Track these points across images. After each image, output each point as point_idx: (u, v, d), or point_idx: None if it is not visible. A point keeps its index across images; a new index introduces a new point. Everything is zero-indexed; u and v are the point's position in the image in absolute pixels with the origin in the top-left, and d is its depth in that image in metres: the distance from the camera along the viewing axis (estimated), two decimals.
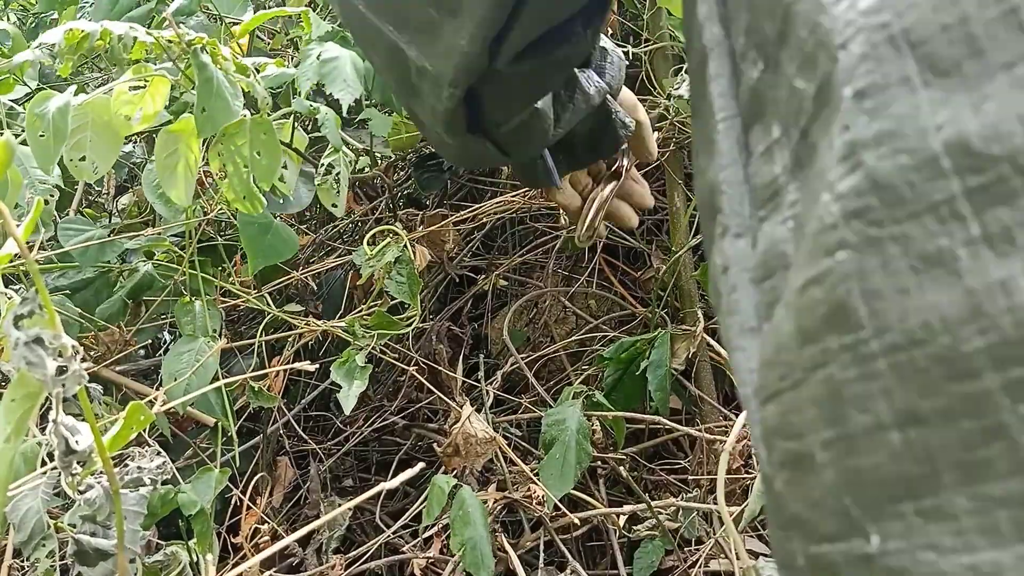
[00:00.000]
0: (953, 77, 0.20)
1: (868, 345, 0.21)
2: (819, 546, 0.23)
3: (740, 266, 0.27)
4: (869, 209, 0.21)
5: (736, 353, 0.27)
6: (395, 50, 0.44)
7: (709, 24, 0.29)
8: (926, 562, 0.20)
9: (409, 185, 1.50)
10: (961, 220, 0.20)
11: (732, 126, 0.28)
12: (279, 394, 1.17)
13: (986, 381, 0.19)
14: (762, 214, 0.27)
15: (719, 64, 0.29)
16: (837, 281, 0.22)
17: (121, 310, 1.11)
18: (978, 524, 0.19)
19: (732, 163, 0.28)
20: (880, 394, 0.21)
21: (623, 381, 1.14)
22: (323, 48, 1.01)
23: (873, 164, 0.21)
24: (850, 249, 0.21)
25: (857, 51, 0.22)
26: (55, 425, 0.38)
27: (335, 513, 0.84)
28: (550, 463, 1.03)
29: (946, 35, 0.20)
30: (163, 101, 0.85)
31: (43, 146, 0.80)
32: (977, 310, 0.19)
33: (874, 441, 0.21)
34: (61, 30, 0.84)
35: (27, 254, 0.33)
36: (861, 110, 0.21)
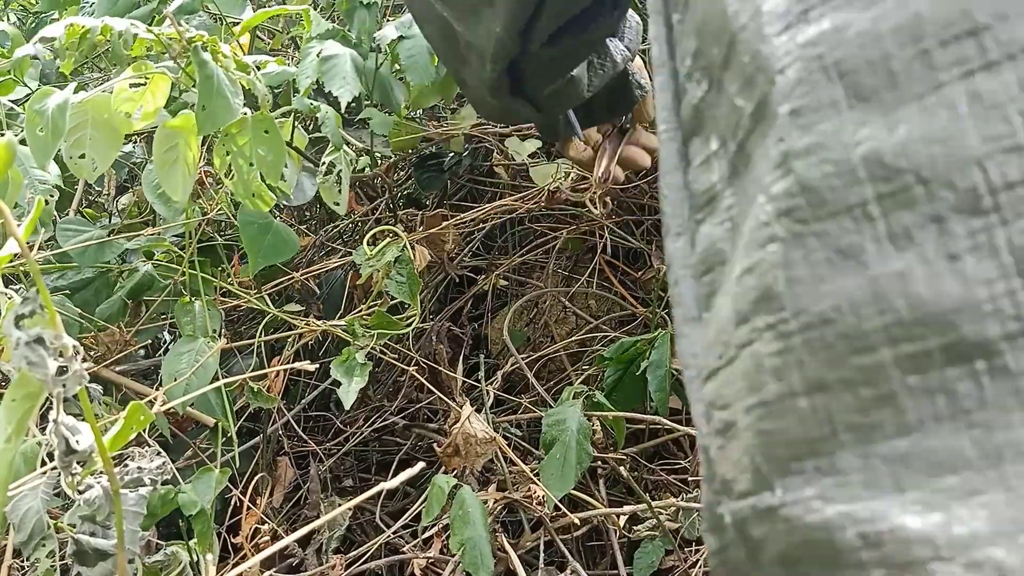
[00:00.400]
0: (873, 103, 0.24)
1: (787, 324, 0.24)
2: (737, 502, 0.26)
3: (681, 263, 0.31)
4: (797, 208, 0.25)
5: (681, 340, 0.31)
6: (446, 25, 0.51)
7: (656, 44, 0.33)
8: (815, 510, 0.23)
9: (409, 185, 1.50)
10: (871, 220, 0.23)
11: (673, 137, 0.32)
12: (279, 395, 1.17)
13: (882, 354, 0.23)
14: (699, 217, 0.30)
15: (663, 80, 0.33)
16: (767, 269, 0.25)
17: (121, 310, 1.11)
18: (862, 479, 0.23)
19: (672, 170, 0.32)
20: (794, 365, 0.24)
21: (623, 381, 1.14)
22: (323, 46, 1.01)
23: (802, 171, 0.25)
24: (779, 242, 0.25)
25: (793, 76, 0.25)
26: (55, 425, 0.37)
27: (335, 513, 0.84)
28: (550, 463, 1.03)
29: (870, 68, 0.24)
30: (163, 98, 0.85)
31: (41, 142, 0.80)
32: (878, 295, 0.23)
33: (785, 406, 0.24)
34: (62, 25, 0.84)
35: (27, 254, 0.33)
36: (795, 125, 0.25)
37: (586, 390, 1.11)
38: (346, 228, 1.50)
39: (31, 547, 0.72)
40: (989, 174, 0.22)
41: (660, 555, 1.10)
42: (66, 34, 0.84)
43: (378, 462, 1.39)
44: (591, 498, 1.14)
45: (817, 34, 0.25)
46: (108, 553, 0.60)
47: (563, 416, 1.05)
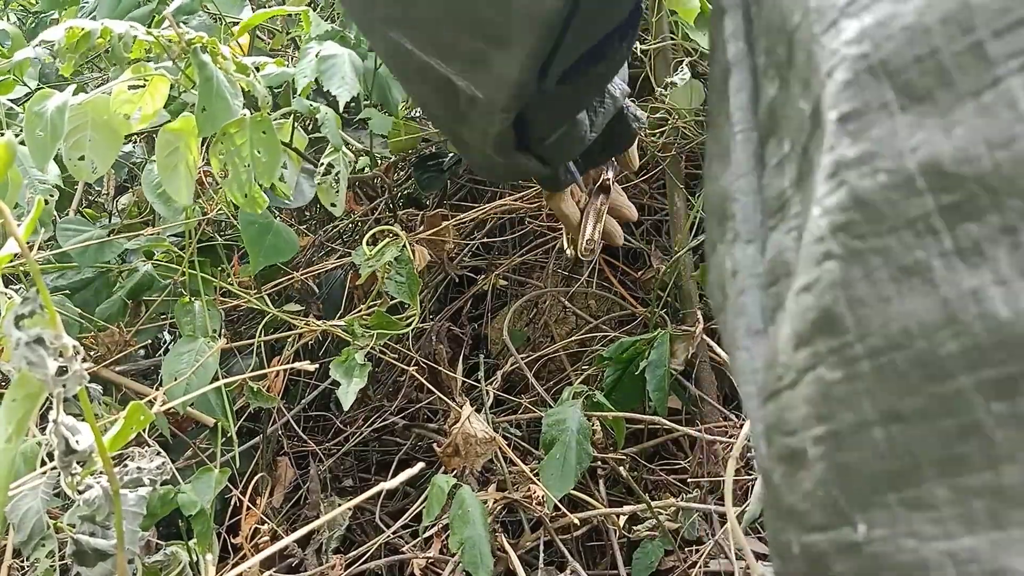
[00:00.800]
0: (926, 103, 0.22)
1: (853, 348, 0.23)
2: (810, 535, 0.24)
3: (749, 271, 0.29)
4: (853, 223, 0.23)
5: (741, 353, 0.29)
6: (444, 82, 0.46)
7: (735, 40, 0.31)
8: (908, 548, 0.22)
9: (409, 185, 1.50)
10: (935, 234, 0.22)
11: (749, 138, 0.30)
12: (279, 395, 1.17)
13: (960, 382, 0.21)
14: (771, 223, 0.28)
15: (741, 79, 0.31)
16: (825, 289, 0.23)
17: (120, 310, 1.11)
18: (956, 513, 0.21)
19: (747, 173, 0.30)
20: (864, 394, 0.23)
21: (623, 381, 1.14)
22: (322, 47, 1.01)
23: (855, 182, 0.23)
24: (836, 259, 0.23)
25: (841, 78, 0.23)
26: (55, 425, 0.37)
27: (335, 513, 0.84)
28: (550, 463, 1.03)
29: (919, 65, 0.22)
30: (162, 100, 0.85)
31: (40, 144, 0.80)
32: (951, 317, 0.21)
33: (860, 437, 0.23)
34: (62, 28, 0.84)
35: (27, 254, 0.33)
36: (844, 132, 0.23)
37: (586, 390, 1.11)
38: (346, 228, 1.50)
39: (31, 547, 0.72)
40: None
41: (659, 555, 1.10)
42: (66, 37, 0.84)
43: (378, 462, 1.39)
44: (591, 498, 1.14)
45: (861, 30, 0.23)
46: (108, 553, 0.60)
47: (563, 416, 1.05)
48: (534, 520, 1.13)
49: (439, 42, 0.43)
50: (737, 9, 0.32)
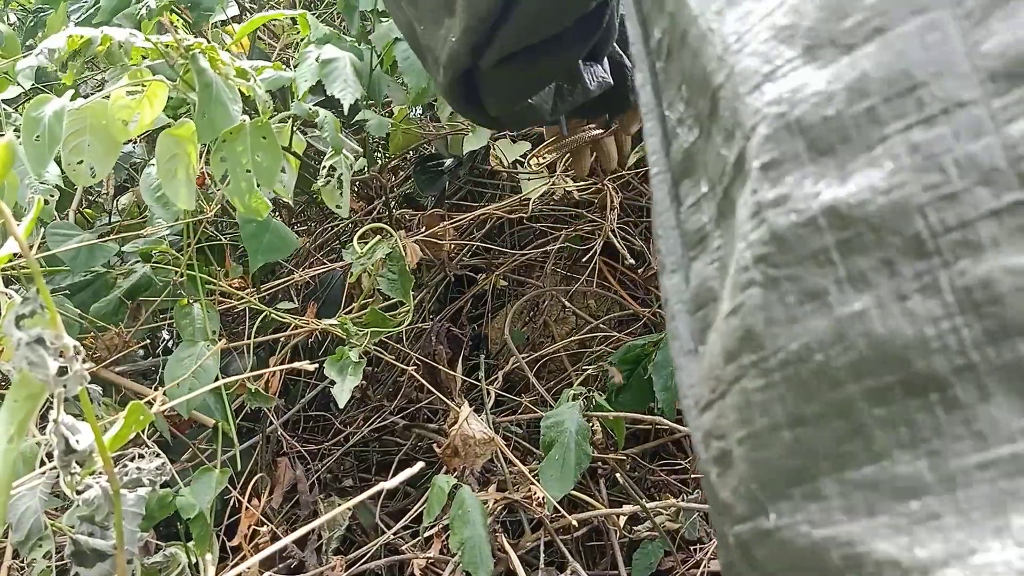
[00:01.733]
0: (829, 155, 0.26)
1: (768, 362, 0.27)
2: (737, 526, 0.28)
3: (677, 298, 0.33)
4: (770, 255, 0.27)
5: (679, 372, 0.33)
6: (408, 24, 0.52)
7: (643, 91, 0.36)
8: (803, 534, 0.25)
9: (408, 185, 1.50)
10: (832, 264, 0.25)
11: (664, 180, 0.34)
12: (276, 394, 1.17)
13: (849, 389, 0.25)
14: (692, 255, 0.33)
15: (652, 125, 0.35)
16: (748, 312, 0.27)
17: (116, 309, 1.10)
18: (840, 504, 0.24)
19: (665, 211, 0.34)
20: (777, 400, 0.26)
21: (630, 383, 1.14)
22: (321, 50, 1.01)
23: (772, 220, 0.27)
24: (758, 286, 0.27)
25: (763, 132, 0.28)
26: (55, 425, 0.37)
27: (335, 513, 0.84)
28: (550, 464, 1.03)
29: (825, 124, 0.26)
30: (161, 106, 0.86)
31: (37, 150, 0.80)
32: (841, 334, 0.25)
33: (772, 438, 0.26)
34: (63, 36, 0.84)
35: (28, 253, 0.33)
36: (766, 178, 0.27)
37: (585, 391, 1.11)
38: (344, 228, 1.50)
39: (28, 547, 0.72)
40: (929, 220, 0.24)
41: (659, 556, 1.10)
42: (67, 45, 0.84)
43: (378, 462, 1.39)
44: (591, 499, 1.14)
45: (779, 94, 0.27)
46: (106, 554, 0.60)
47: (561, 418, 1.05)
48: (534, 520, 1.12)
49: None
50: (643, 63, 0.36)
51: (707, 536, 1.10)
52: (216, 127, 0.84)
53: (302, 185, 1.19)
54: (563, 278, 1.44)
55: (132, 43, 0.85)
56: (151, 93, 0.84)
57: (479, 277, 1.46)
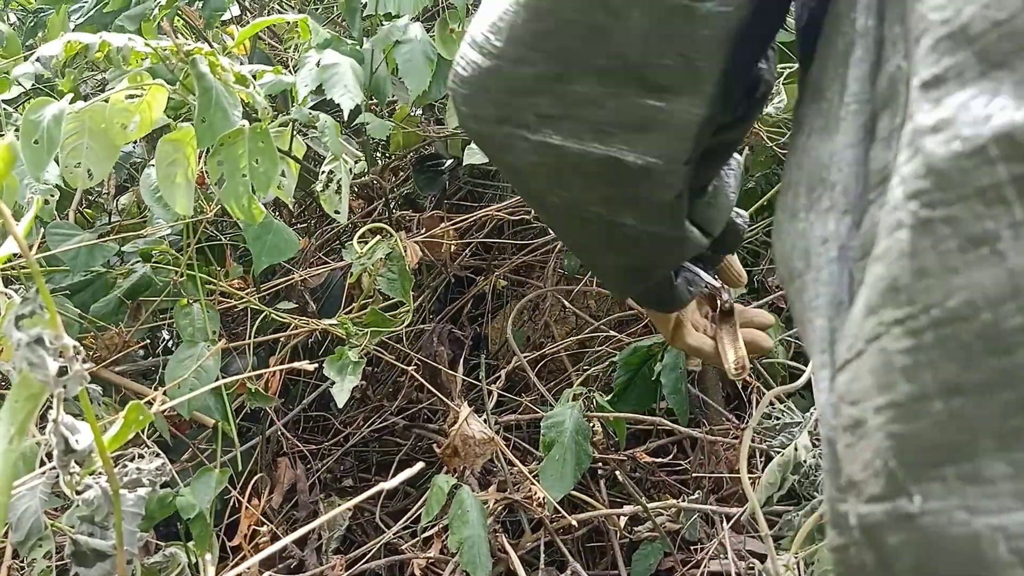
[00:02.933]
0: (1004, 70, 0.21)
1: (917, 320, 0.22)
2: (867, 506, 0.24)
3: (840, 242, 0.29)
4: (924, 192, 0.22)
5: (817, 322, 0.28)
6: (606, 165, 0.42)
7: (865, 12, 0.30)
8: (960, 521, 0.21)
9: (408, 185, 1.50)
10: (1006, 204, 0.21)
11: (862, 111, 0.29)
12: (276, 394, 1.17)
13: (1023, 355, 0.20)
14: (871, 197, 0.28)
15: (865, 51, 0.30)
16: (894, 258, 0.23)
17: (116, 309, 1.10)
18: (1012, 489, 0.21)
19: (855, 144, 0.29)
20: (926, 365, 0.22)
21: (634, 384, 1.14)
22: (322, 55, 1.01)
23: (930, 149, 0.22)
24: (906, 228, 0.23)
25: (925, 44, 0.23)
26: (55, 425, 0.37)
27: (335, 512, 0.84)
28: (550, 465, 1.03)
29: (997, 30, 0.22)
30: (160, 110, 0.86)
31: (35, 153, 0.80)
32: (1018, 289, 0.21)
33: (919, 409, 0.22)
34: (60, 42, 0.84)
35: (27, 253, 0.33)
36: (925, 99, 0.23)
37: (585, 391, 1.11)
38: (345, 228, 1.50)
39: (28, 547, 0.72)
40: None
41: (658, 557, 1.10)
42: (64, 51, 0.83)
43: (378, 462, 1.39)
44: (592, 499, 1.14)
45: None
46: (106, 554, 0.60)
47: (561, 418, 1.05)
48: (535, 520, 1.13)
49: (597, 120, 0.40)
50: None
51: (707, 537, 1.10)
52: (215, 132, 0.84)
53: (303, 185, 1.19)
54: (563, 278, 1.44)
55: (131, 48, 0.85)
56: (150, 97, 0.84)
57: (479, 278, 1.46)
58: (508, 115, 0.42)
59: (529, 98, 0.40)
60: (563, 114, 0.40)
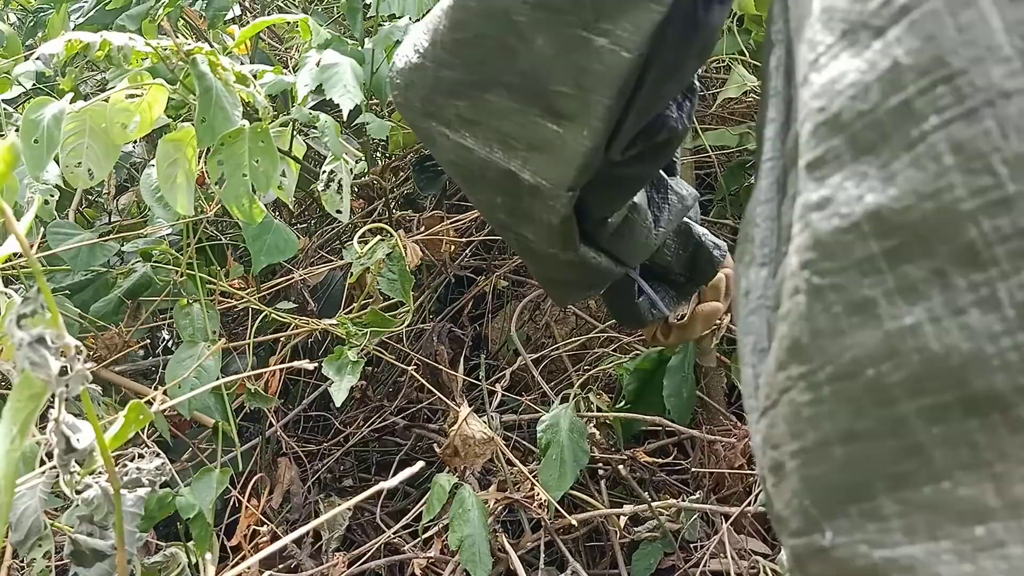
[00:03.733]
0: (871, 155, 0.24)
1: (816, 375, 0.25)
2: (792, 539, 0.27)
3: (759, 292, 0.32)
4: (813, 261, 0.25)
5: (746, 369, 0.31)
6: (505, 176, 0.45)
7: (776, 74, 0.33)
8: (862, 554, 0.24)
9: (408, 185, 1.50)
10: (881, 274, 0.24)
11: (775, 167, 0.32)
12: (276, 394, 1.17)
13: (904, 407, 0.23)
14: (785, 250, 0.30)
15: (776, 111, 0.33)
16: (795, 320, 0.26)
17: (116, 309, 1.10)
18: (901, 524, 0.23)
19: (769, 200, 0.32)
20: (826, 416, 0.25)
21: (645, 390, 1.14)
22: (322, 55, 1.01)
23: (816, 224, 0.25)
24: (803, 294, 0.26)
25: (808, 128, 0.26)
26: (56, 424, 0.37)
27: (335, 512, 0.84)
28: (547, 466, 1.03)
29: (862, 120, 0.24)
30: (160, 109, 0.86)
31: (35, 153, 0.80)
32: (893, 349, 0.23)
33: (823, 454, 0.25)
34: (61, 41, 0.84)
35: (28, 252, 0.33)
36: (811, 178, 0.26)
37: (582, 394, 1.11)
38: (345, 228, 1.50)
39: (27, 547, 0.72)
40: (982, 228, 0.22)
41: (658, 557, 1.10)
42: (65, 50, 0.83)
43: (378, 462, 1.39)
44: (592, 499, 1.14)
45: (820, 86, 0.25)
46: (106, 554, 0.60)
47: (555, 420, 1.06)
48: (535, 520, 1.13)
49: (504, 132, 0.43)
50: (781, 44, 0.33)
51: (707, 536, 1.10)
52: (216, 132, 0.84)
53: (303, 185, 1.19)
54: None
55: (132, 47, 0.85)
56: (151, 97, 0.84)
57: (479, 278, 1.46)
58: (432, 111, 0.45)
59: (451, 99, 0.43)
60: (478, 120, 0.44)
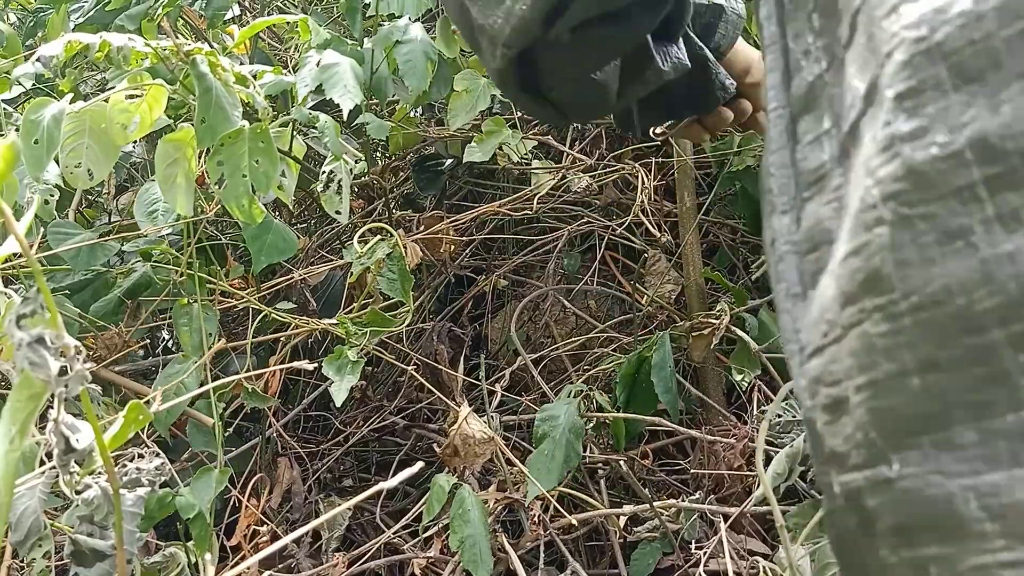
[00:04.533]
0: (977, 83, 0.24)
1: (897, 305, 0.25)
2: (849, 474, 0.27)
3: (785, 239, 0.32)
4: (903, 192, 0.25)
5: (782, 315, 0.32)
6: (461, 6, 0.47)
7: (768, 24, 0.34)
8: (935, 484, 0.24)
9: (408, 185, 1.50)
10: (979, 202, 0.24)
11: (781, 116, 0.33)
12: (275, 394, 1.17)
13: (993, 335, 0.23)
14: (806, 195, 0.31)
15: (773, 59, 0.33)
16: (874, 251, 0.26)
17: (116, 309, 1.10)
18: (981, 453, 0.24)
19: (780, 148, 0.33)
20: (905, 346, 0.25)
21: (635, 394, 1.14)
22: (322, 55, 1.01)
23: (909, 155, 0.25)
24: (886, 225, 0.26)
25: (899, 59, 0.26)
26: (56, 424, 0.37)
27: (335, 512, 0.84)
28: (538, 458, 1.04)
29: (972, 48, 0.24)
30: (160, 110, 0.86)
31: (35, 153, 0.80)
32: (988, 276, 0.24)
33: (898, 385, 0.25)
34: (60, 42, 0.84)
35: (28, 252, 0.33)
36: (901, 109, 0.26)
37: (586, 389, 1.11)
38: (345, 228, 1.50)
39: (27, 547, 0.72)
40: None
41: (657, 557, 1.10)
42: (65, 50, 0.83)
43: (378, 462, 1.39)
44: (591, 498, 1.14)
45: (919, 16, 0.25)
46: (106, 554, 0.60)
47: (556, 413, 1.06)
48: (534, 516, 1.13)
49: None
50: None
51: (706, 536, 1.10)
52: (216, 132, 0.84)
53: (303, 185, 1.18)
54: (563, 278, 1.44)
55: (131, 47, 0.85)
56: (150, 97, 0.84)
57: (479, 278, 1.46)
58: None
59: None
60: None
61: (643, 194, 1.27)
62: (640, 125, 0.66)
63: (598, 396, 1.12)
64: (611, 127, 1.43)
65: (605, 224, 1.38)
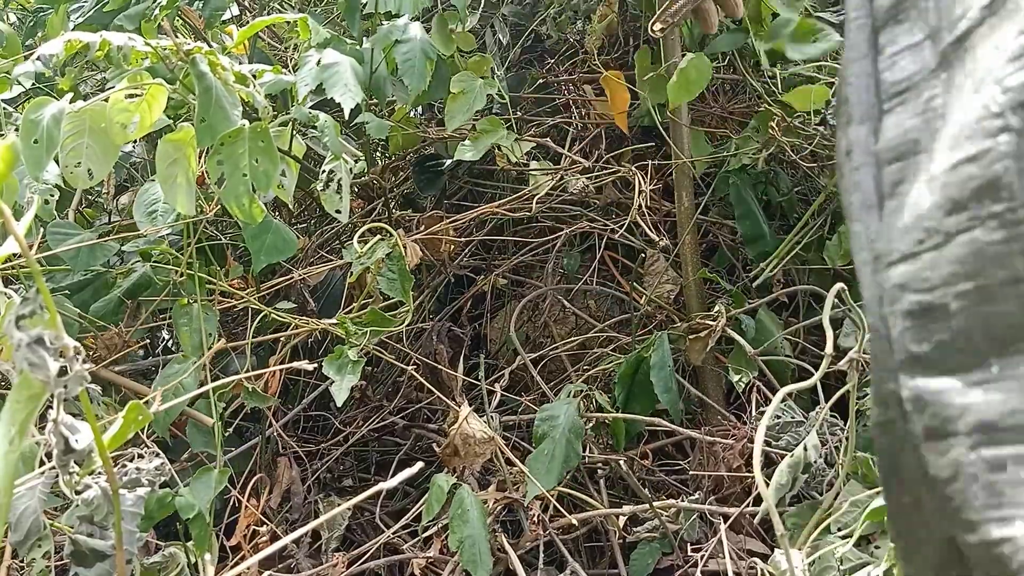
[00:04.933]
0: None
1: (1015, 213, 0.25)
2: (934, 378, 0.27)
3: (862, 149, 0.32)
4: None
5: (855, 224, 0.32)
6: None
7: None
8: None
9: (408, 185, 1.50)
10: None
11: (863, 25, 0.33)
12: (275, 394, 1.17)
13: None
14: (887, 106, 0.31)
15: None
16: (995, 159, 0.26)
17: (115, 308, 1.10)
18: None
19: (860, 58, 0.33)
20: (1020, 253, 0.25)
21: (633, 394, 1.14)
22: (322, 54, 1.01)
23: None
24: (1012, 132, 0.25)
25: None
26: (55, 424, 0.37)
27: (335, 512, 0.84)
28: (537, 458, 1.04)
29: None
30: (160, 109, 0.86)
31: (34, 153, 0.80)
32: None
33: (1010, 291, 0.26)
34: (60, 41, 0.84)
35: (27, 253, 0.33)
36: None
37: (586, 388, 1.11)
38: (345, 228, 1.50)
39: (27, 547, 0.72)
40: None
41: (656, 557, 1.11)
42: (65, 50, 0.83)
43: (378, 462, 1.39)
44: (591, 499, 1.14)
45: None
46: (105, 554, 0.60)
47: (556, 412, 1.06)
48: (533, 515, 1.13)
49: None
50: None
51: (705, 536, 1.10)
52: (215, 132, 0.84)
53: (302, 185, 1.19)
54: (563, 278, 1.44)
55: (131, 47, 0.85)
56: (150, 97, 0.84)
57: (479, 278, 1.46)
58: None
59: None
60: None
61: (640, 197, 1.27)
62: None
63: (598, 396, 1.12)
64: (611, 127, 1.43)
65: (604, 224, 1.38)
